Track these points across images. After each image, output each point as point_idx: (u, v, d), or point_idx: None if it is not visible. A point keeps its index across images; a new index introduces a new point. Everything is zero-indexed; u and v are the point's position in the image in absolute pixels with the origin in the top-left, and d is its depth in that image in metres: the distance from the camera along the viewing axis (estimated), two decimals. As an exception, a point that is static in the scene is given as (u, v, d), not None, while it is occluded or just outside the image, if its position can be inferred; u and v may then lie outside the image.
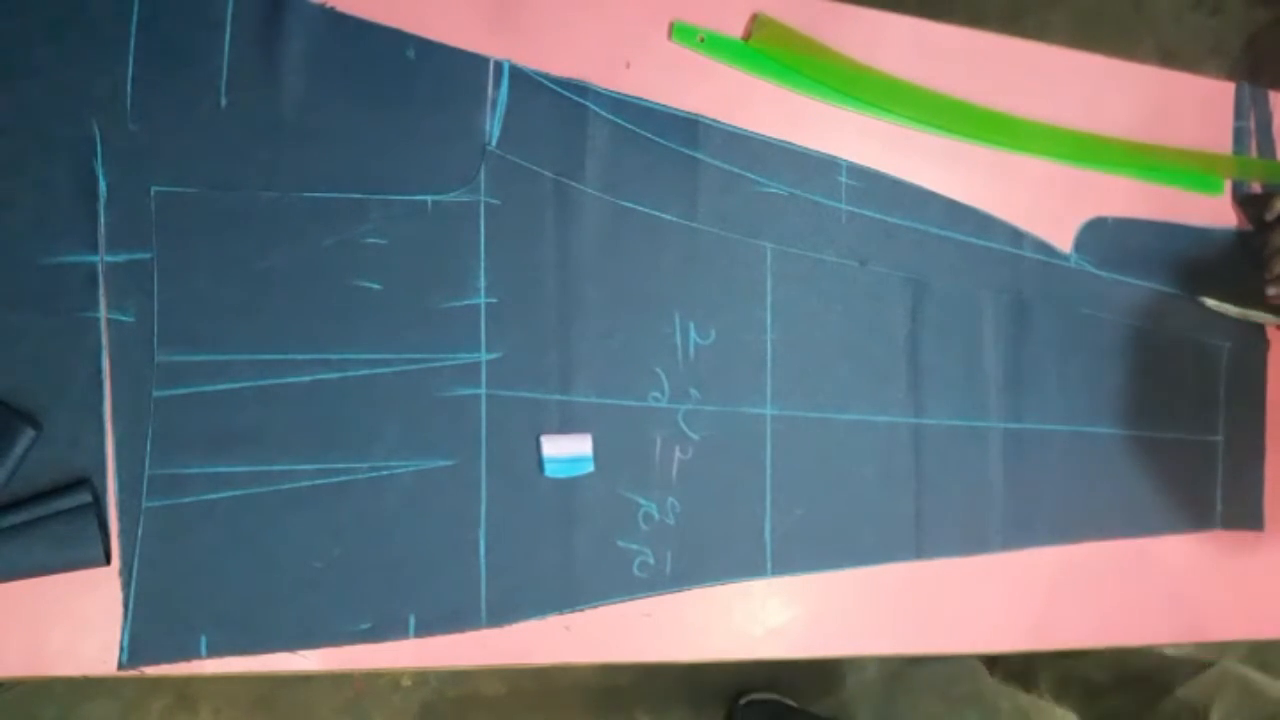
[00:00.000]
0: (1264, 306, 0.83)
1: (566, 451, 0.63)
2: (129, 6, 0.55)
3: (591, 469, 0.64)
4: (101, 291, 0.54)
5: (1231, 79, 0.86)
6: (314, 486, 0.58)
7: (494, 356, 0.62)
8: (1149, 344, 0.81)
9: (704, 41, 0.68)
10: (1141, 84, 0.82)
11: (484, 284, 0.62)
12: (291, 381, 0.58)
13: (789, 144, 0.70)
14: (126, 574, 0.54)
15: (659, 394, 0.66)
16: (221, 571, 0.56)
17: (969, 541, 0.74)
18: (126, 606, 0.54)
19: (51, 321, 0.54)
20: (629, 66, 0.66)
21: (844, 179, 0.72)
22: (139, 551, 0.55)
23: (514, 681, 1.26)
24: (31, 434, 0.52)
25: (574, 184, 0.64)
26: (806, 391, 0.70)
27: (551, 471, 0.63)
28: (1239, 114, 0.85)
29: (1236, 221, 0.84)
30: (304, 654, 0.57)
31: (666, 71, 0.67)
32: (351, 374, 0.59)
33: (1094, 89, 0.80)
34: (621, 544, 0.64)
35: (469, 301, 0.61)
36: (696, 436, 0.67)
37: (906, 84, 0.73)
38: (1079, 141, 0.78)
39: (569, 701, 1.28)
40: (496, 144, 0.62)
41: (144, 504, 0.55)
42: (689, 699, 1.32)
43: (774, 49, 0.69)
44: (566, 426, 0.63)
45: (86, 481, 0.54)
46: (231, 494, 0.56)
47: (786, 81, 0.70)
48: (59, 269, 0.54)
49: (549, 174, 0.64)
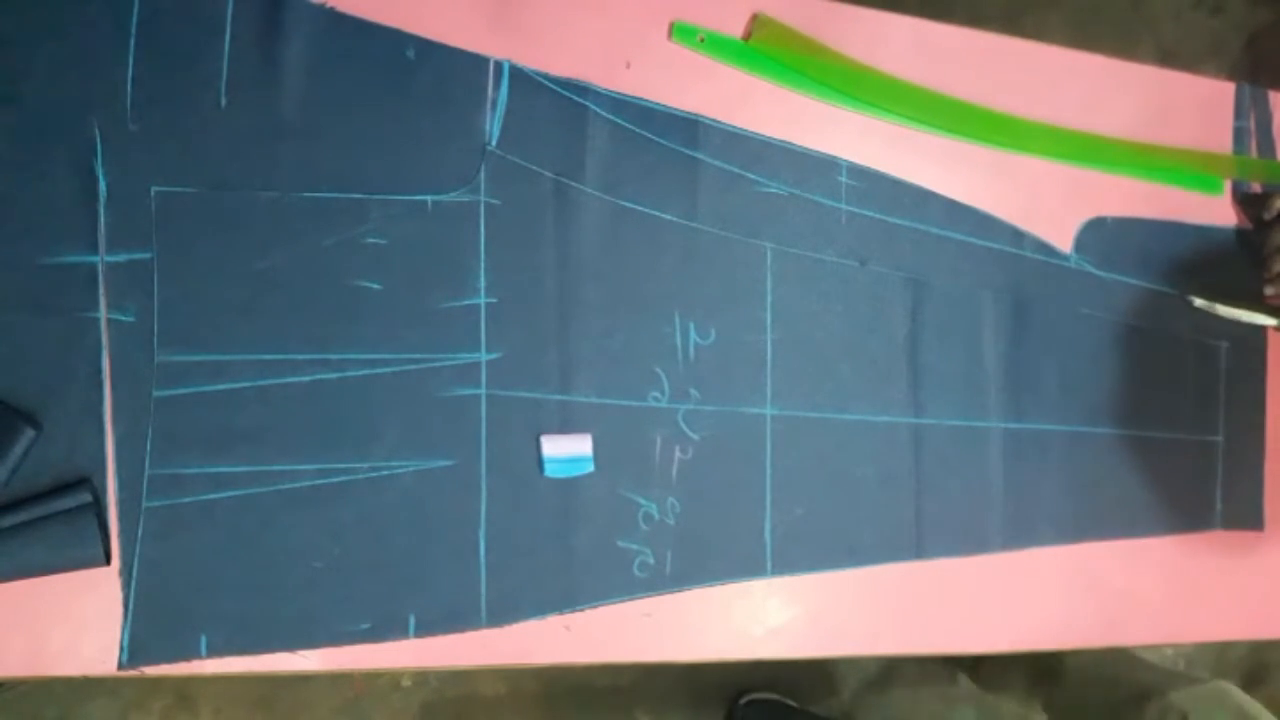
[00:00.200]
0: (1257, 306, 0.83)
1: (566, 451, 0.63)
2: (129, 6, 0.55)
3: (591, 469, 0.64)
4: (101, 291, 0.54)
5: (1231, 79, 0.86)
6: (314, 486, 0.58)
7: (494, 356, 0.62)
8: (1149, 344, 0.81)
9: (704, 41, 0.68)
10: (1141, 84, 0.82)
11: (484, 284, 0.62)
12: (291, 381, 0.58)
13: (789, 144, 0.70)
14: (126, 574, 0.54)
15: (659, 394, 0.66)
16: (221, 571, 0.56)
17: (969, 541, 0.74)
18: (126, 606, 0.54)
19: (51, 321, 0.54)
20: (629, 66, 0.66)
21: (844, 179, 0.71)
22: (139, 551, 0.55)
23: (514, 681, 1.26)
24: (31, 434, 0.52)
25: (574, 184, 0.64)
26: (806, 391, 0.70)
27: (551, 471, 0.63)
28: (1239, 114, 0.85)
29: (1236, 221, 0.84)
30: (304, 654, 0.57)
31: (666, 71, 0.67)
32: (351, 374, 0.59)
33: (1093, 89, 0.80)
34: (621, 544, 0.64)
35: (469, 301, 0.61)
36: (696, 436, 0.67)
37: (906, 84, 0.73)
38: (1078, 141, 0.78)
39: (569, 701, 1.28)
40: (496, 144, 0.62)
41: (144, 504, 0.55)
42: (689, 699, 1.32)
43: (774, 49, 0.69)
44: (566, 426, 0.63)
45: (86, 481, 0.54)
46: (231, 494, 0.56)
47: (786, 81, 0.70)
48: (59, 269, 0.54)
49: (549, 174, 0.64)
